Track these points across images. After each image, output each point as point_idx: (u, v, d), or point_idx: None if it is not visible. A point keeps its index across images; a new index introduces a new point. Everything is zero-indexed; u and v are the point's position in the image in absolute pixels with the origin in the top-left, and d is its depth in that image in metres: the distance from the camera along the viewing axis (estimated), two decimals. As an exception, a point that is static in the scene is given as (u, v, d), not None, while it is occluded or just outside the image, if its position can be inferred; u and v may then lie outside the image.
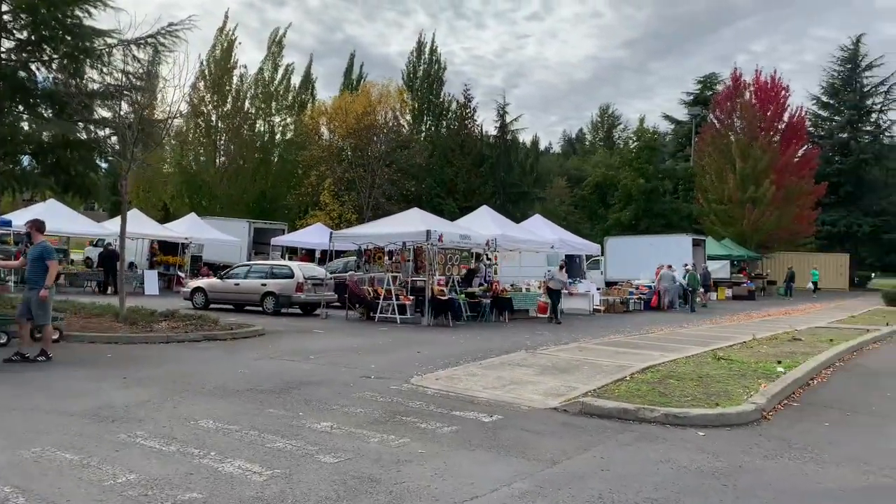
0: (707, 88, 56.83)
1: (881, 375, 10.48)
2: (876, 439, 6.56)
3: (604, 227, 43.21)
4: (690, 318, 20.86)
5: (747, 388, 8.25)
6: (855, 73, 52.59)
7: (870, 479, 5.31)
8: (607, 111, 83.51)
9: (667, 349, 11.78)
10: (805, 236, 43.64)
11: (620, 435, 6.34)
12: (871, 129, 51.91)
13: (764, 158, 38.59)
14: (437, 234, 16.28)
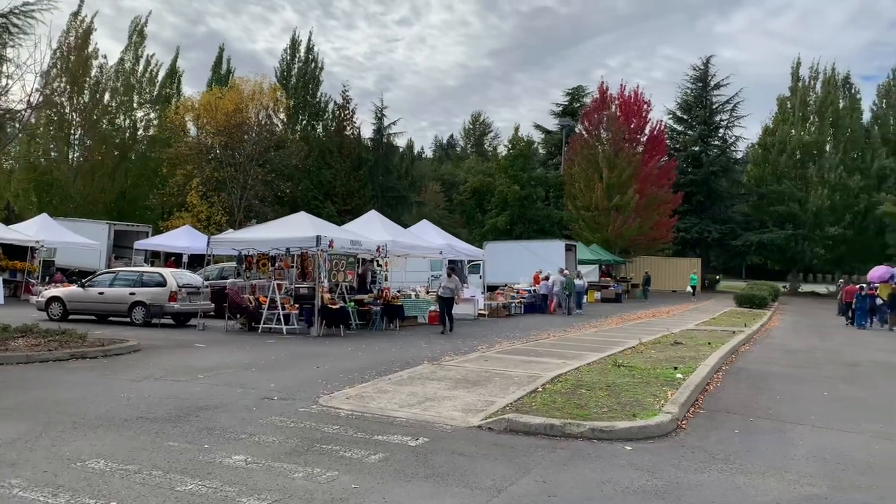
0: (575, 100, 59.47)
1: (764, 378, 11.14)
2: (785, 446, 6.82)
3: (481, 231, 43.92)
4: (570, 322, 21.47)
5: (655, 396, 8.41)
6: (705, 91, 57.10)
7: (796, 488, 5.45)
8: (479, 119, 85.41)
9: (566, 356, 11.90)
10: (664, 242, 46.66)
11: (553, 454, 6.16)
12: (719, 143, 56.56)
13: (628, 169, 40.85)
14: (328, 239, 15.60)
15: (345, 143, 44.28)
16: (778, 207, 49.72)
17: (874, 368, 13.18)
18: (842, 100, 51.82)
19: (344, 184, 42.61)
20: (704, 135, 55.78)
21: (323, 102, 48.57)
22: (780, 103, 53.32)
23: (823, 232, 48.08)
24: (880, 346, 17.94)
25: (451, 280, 17.92)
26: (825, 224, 48.00)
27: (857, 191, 47.93)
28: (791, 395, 9.63)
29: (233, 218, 37.93)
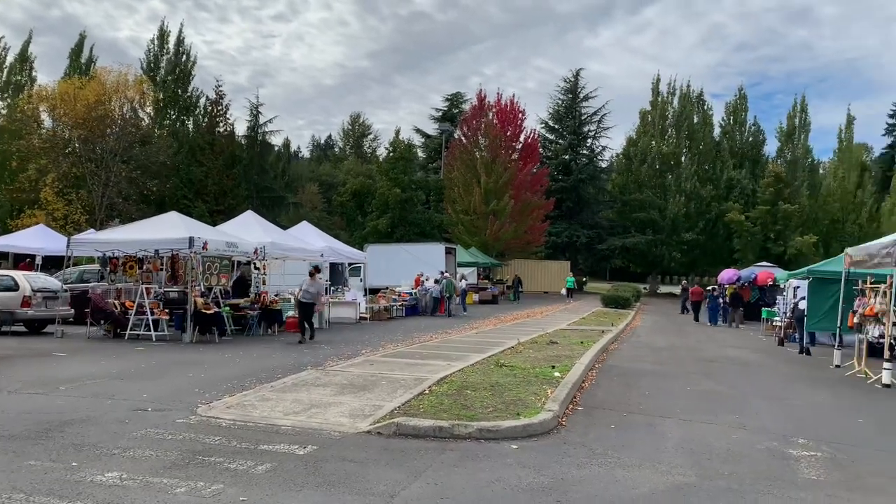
0: (454, 106, 60.56)
1: (633, 374, 11.84)
2: (656, 439, 7.28)
3: (362, 234, 43.62)
4: (451, 324, 21.80)
5: (537, 394, 8.71)
6: (575, 102, 59.91)
7: (669, 478, 5.83)
8: (358, 120, 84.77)
9: (451, 358, 12.07)
10: (537, 246, 48.48)
11: (443, 455, 6.23)
12: (588, 152, 59.51)
13: (505, 175, 42.13)
14: (202, 241, 14.89)
15: (217, 140, 42.51)
16: (640, 214, 53.07)
17: (728, 364, 14.36)
18: (696, 115, 56.17)
19: (216, 182, 40.89)
20: (574, 144, 58.50)
21: (194, 97, 46.40)
22: (642, 116, 57.00)
23: (680, 237, 51.88)
24: (731, 342, 19.60)
25: (313, 283, 15.98)
26: (681, 230, 51.85)
27: (709, 199, 52.19)
28: (659, 391, 10.29)
29: (93, 217, 35.35)
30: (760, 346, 19.15)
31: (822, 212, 50.95)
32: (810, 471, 6.28)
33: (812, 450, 7.02)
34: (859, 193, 52.32)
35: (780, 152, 55.19)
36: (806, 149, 54.22)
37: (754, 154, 56.40)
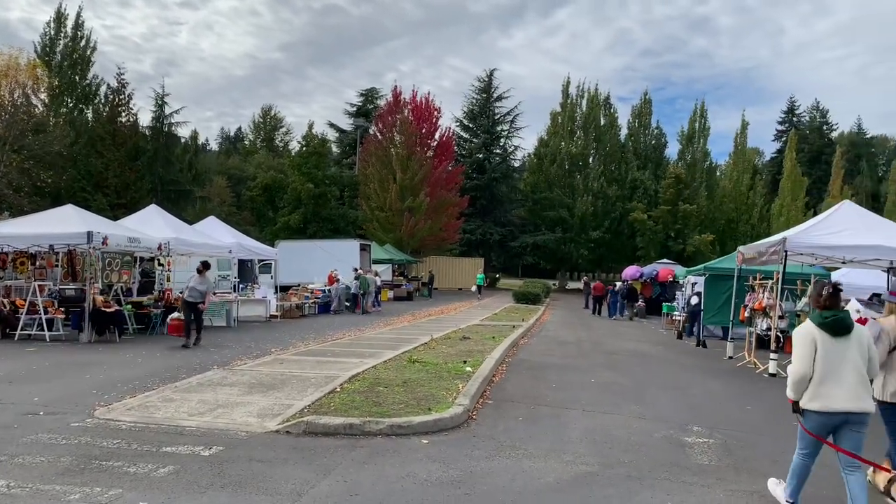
0: (369, 102, 60.17)
1: (542, 368, 12.16)
2: (562, 430, 7.53)
3: (273, 230, 42.62)
4: (365, 321, 21.69)
5: (448, 389, 8.82)
6: (489, 102, 60.76)
7: (573, 468, 6.06)
8: (270, 113, 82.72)
9: (363, 355, 12.02)
10: (451, 243, 48.92)
11: (353, 453, 6.21)
12: (501, 152, 60.53)
13: (420, 172, 42.25)
14: (101, 236, 14.17)
15: (119, 131, 40.44)
16: (550, 212, 54.50)
17: (630, 357, 14.99)
18: (603, 117, 58.16)
19: (118, 175, 38.92)
20: (488, 143, 59.35)
21: (94, 85, 43.91)
22: (553, 117, 58.49)
23: (587, 235, 53.64)
24: (633, 336, 20.45)
25: (202, 281, 14.41)
26: (589, 228, 53.63)
27: (615, 199, 54.23)
28: (565, 383, 10.63)
29: (-22, 210, 32.85)
30: (660, 339, 20.08)
31: (719, 212, 53.94)
32: (703, 457, 6.66)
33: (705, 437, 7.44)
34: (751, 195, 55.71)
35: (681, 155, 57.97)
36: (704, 152, 57.19)
37: (657, 156, 58.98)
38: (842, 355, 4.87)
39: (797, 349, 5.00)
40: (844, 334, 4.91)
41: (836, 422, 4.84)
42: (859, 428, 4.84)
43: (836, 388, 4.81)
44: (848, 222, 13.42)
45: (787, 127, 70.64)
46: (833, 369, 4.84)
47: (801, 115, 74.12)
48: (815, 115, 74.01)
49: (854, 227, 13.22)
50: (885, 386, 5.57)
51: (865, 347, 4.95)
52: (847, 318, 4.99)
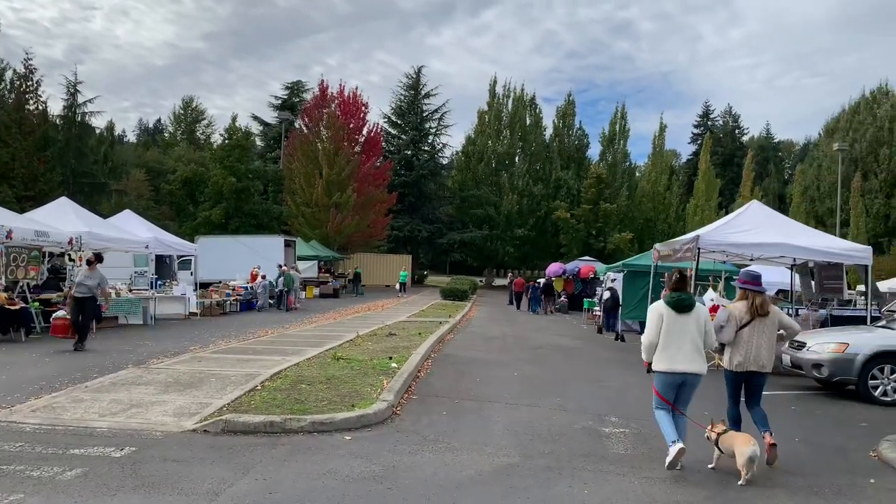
0: (295, 95, 59.09)
1: (468, 363, 12.29)
2: (485, 423, 7.63)
3: (193, 224, 41.22)
4: (288, 319, 21.32)
5: (373, 385, 8.80)
6: (417, 99, 60.73)
7: (495, 460, 6.15)
8: (191, 104, 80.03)
9: (286, 353, 11.82)
10: (379, 239, 48.70)
11: (274, 451, 6.11)
12: (429, 149, 60.57)
13: (347, 167, 41.83)
14: (5, 229, 13.38)
15: (26, 119, 38.17)
16: (477, 210, 55.07)
17: (553, 351, 15.33)
18: (529, 117, 59.17)
19: (25, 166, 36.73)
20: (416, 140, 59.34)
21: (-2, 70, 41.35)
22: (480, 116, 59.11)
23: (513, 233, 54.51)
24: (556, 331, 20.92)
25: (90, 275, 13.20)
26: (514, 226, 54.51)
27: (540, 198, 55.33)
28: (490, 378, 10.77)
29: None
30: (581, 333, 20.64)
31: (638, 211, 55.85)
32: (619, 446, 6.89)
33: (622, 427, 7.70)
34: (668, 195, 57.96)
35: (602, 155, 59.65)
36: (624, 153, 59.07)
37: (580, 156, 60.48)
38: (682, 328, 6.09)
39: (648, 322, 6.23)
40: (686, 311, 6.12)
41: (678, 380, 6.12)
42: (694, 383, 6.17)
43: (677, 353, 6.07)
44: (755, 221, 14.15)
45: (703, 130, 73.69)
46: (674, 339, 6.08)
47: (715, 120, 77.55)
48: (729, 119, 77.58)
49: (761, 226, 13.97)
50: (731, 358, 6.74)
51: (702, 323, 6.16)
52: (688, 298, 6.20)
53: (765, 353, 6.67)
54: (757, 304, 6.73)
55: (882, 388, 10.22)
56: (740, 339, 6.68)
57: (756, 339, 6.66)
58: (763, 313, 6.70)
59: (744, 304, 6.83)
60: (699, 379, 6.16)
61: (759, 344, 6.65)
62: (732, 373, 6.76)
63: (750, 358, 6.64)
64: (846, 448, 7.33)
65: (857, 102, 55.29)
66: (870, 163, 51.14)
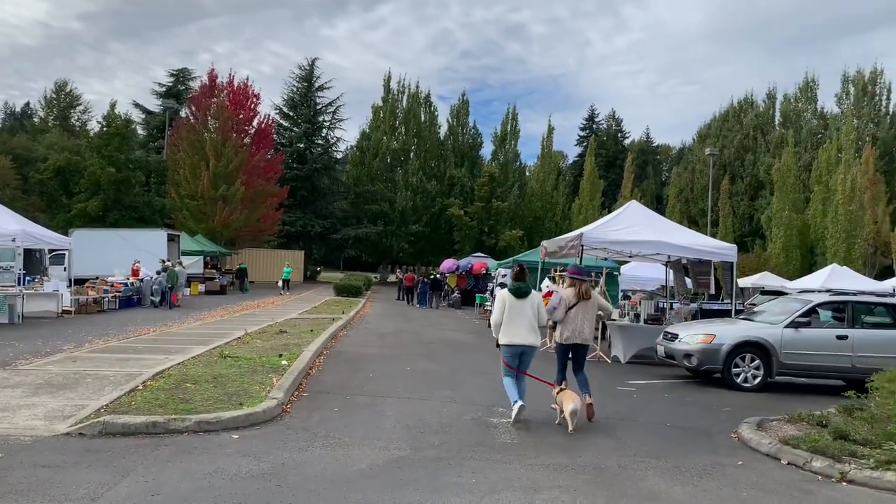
0: (180, 82, 56.46)
1: (360, 359, 12.28)
2: (377, 417, 7.69)
3: (67, 217, 38.48)
4: (172, 316, 20.43)
5: (262, 383, 8.64)
6: (310, 91, 59.59)
7: (386, 453, 6.23)
8: (65, 88, 74.73)
9: (170, 351, 11.35)
10: (269, 234, 47.47)
11: (156, 452, 5.89)
12: (323, 142, 59.63)
13: (236, 159, 40.48)
14: None
15: None
16: (372, 206, 54.86)
17: (445, 345, 15.59)
18: (423, 114, 59.54)
19: None
20: (309, 133, 58.25)
21: None
22: (375, 111, 58.86)
23: (408, 229, 54.72)
24: (450, 326, 21.27)
25: None
26: (409, 222, 54.74)
27: (434, 194, 55.87)
28: (382, 373, 10.83)
29: None
30: (474, 328, 21.08)
31: (528, 209, 57.56)
32: (506, 435, 7.15)
33: (509, 417, 7.97)
34: (556, 194, 60.12)
35: (494, 155, 60.94)
36: (515, 153, 60.61)
37: (473, 155, 61.48)
38: (520, 310, 7.73)
39: (496, 306, 7.93)
40: (523, 297, 7.79)
41: (518, 351, 7.73)
42: (531, 353, 7.83)
43: (517, 330, 7.69)
44: (634, 220, 15.00)
45: (588, 133, 76.74)
46: (515, 319, 7.71)
47: (600, 123, 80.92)
48: (612, 123, 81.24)
49: (639, 225, 14.82)
50: (561, 333, 8.43)
51: (536, 306, 7.83)
52: (525, 287, 7.86)
53: (587, 329, 8.41)
54: (583, 290, 8.45)
55: (743, 375, 11.14)
56: (568, 318, 8.34)
57: (580, 318, 8.35)
58: (587, 297, 8.42)
59: (572, 290, 8.51)
60: (534, 350, 7.86)
61: (583, 322, 8.36)
62: (562, 345, 8.47)
63: (575, 333, 8.34)
64: (711, 431, 7.96)
65: (727, 111, 59.51)
66: (737, 167, 55.25)
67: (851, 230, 41.17)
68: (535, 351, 7.87)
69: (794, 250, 45.15)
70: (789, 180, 46.51)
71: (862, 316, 11.63)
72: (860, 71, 50.43)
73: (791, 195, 46.37)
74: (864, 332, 11.24)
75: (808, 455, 6.57)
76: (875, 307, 12.00)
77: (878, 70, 50.22)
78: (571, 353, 8.44)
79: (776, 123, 57.35)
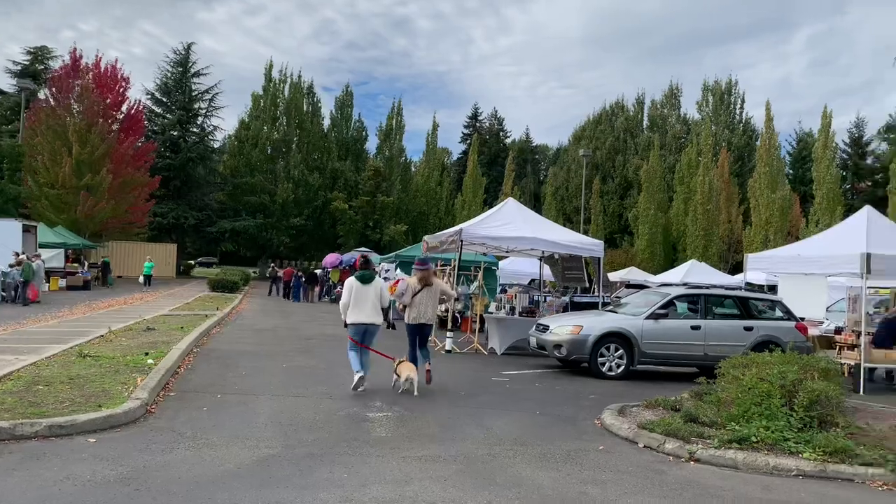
0: (39, 61, 52.15)
1: (234, 356, 11.89)
2: (249, 416, 7.49)
3: None
4: (27, 313, 18.86)
5: (125, 384, 8.19)
6: (185, 77, 56.80)
7: (256, 452, 6.09)
8: None
9: (21, 351, 10.47)
10: (139, 226, 44.89)
11: (0, 459, 5.45)
12: (198, 131, 57.05)
13: (102, 146, 37.97)
14: None
15: None
16: (251, 198, 53.17)
17: (324, 340, 15.40)
18: (306, 105, 58.36)
19: None
20: (183, 120, 55.53)
21: None
22: (255, 100, 57.01)
23: (289, 222, 53.46)
24: (330, 321, 20.99)
25: None
26: (290, 215, 53.49)
27: (317, 187, 54.93)
28: (257, 370, 10.55)
29: None
30: (355, 324, 20.91)
31: (412, 204, 57.87)
32: (381, 429, 7.19)
33: (385, 411, 8.04)
34: (440, 190, 60.84)
35: (380, 149, 60.76)
36: (401, 148, 60.73)
37: (358, 148, 61.00)
38: (365, 295, 9.17)
39: (344, 291, 9.25)
40: (367, 283, 9.22)
41: (362, 329, 9.19)
42: (374, 331, 9.32)
43: (361, 311, 9.15)
44: (511, 217, 15.48)
45: (472, 131, 78.16)
46: (360, 302, 9.14)
47: (483, 121, 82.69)
48: (494, 122, 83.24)
49: (516, 222, 15.31)
50: (409, 314, 9.95)
51: (378, 290, 9.29)
52: (369, 274, 9.31)
53: (430, 311, 9.94)
54: (426, 277, 9.93)
55: (608, 365, 11.80)
56: (414, 302, 9.86)
57: (425, 302, 9.87)
58: (429, 284, 9.93)
59: (414, 278, 10.10)
60: (377, 328, 9.34)
61: (426, 305, 9.88)
62: (410, 325, 9.99)
63: (420, 314, 9.86)
64: (577, 418, 8.39)
65: (600, 114, 62.62)
66: (608, 168, 58.30)
67: (709, 228, 44.58)
68: (377, 329, 9.35)
69: (658, 246, 48.28)
70: (655, 181, 49.66)
71: (713, 308, 12.64)
72: (717, 81, 54.76)
73: (656, 195, 49.53)
74: (715, 323, 12.23)
75: (662, 438, 7.08)
76: (725, 300, 13.08)
77: (733, 81, 54.76)
78: (418, 333, 9.88)
79: (644, 127, 61.04)
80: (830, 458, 6.42)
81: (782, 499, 5.62)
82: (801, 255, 13.27)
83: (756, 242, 39.69)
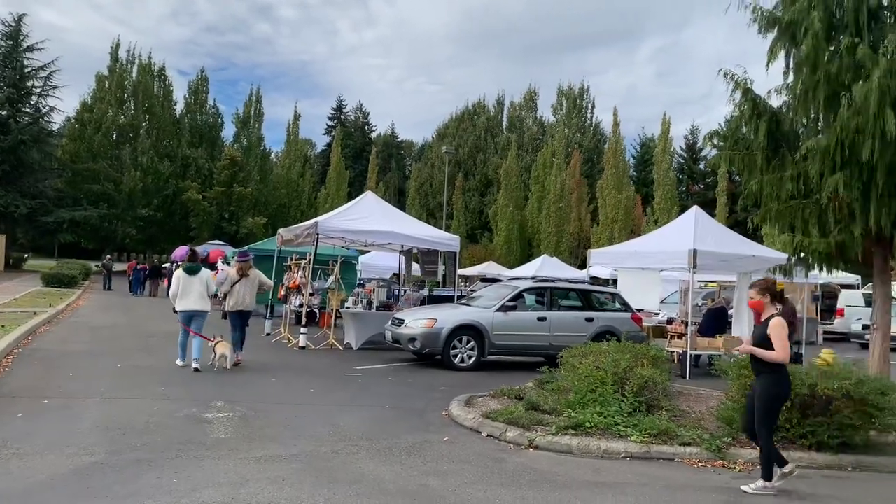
0: None
1: (61, 357, 10.91)
2: (71, 421, 6.88)
3: None
4: None
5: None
6: (16, 51, 51.41)
7: (75, 460, 5.60)
8: None
9: None
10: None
11: None
12: (32, 111, 51.85)
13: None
14: None
15: None
16: (93, 186, 49.21)
17: (166, 338, 14.44)
18: (157, 88, 54.85)
19: None
20: (14, 99, 50.14)
21: None
22: (99, 81, 52.82)
23: (136, 213, 49.97)
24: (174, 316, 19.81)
25: None
26: (138, 205, 50.03)
27: (167, 176, 51.81)
28: (88, 371, 9.75)
29: None
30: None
31: (272, 196, 56.15)
32: (220, 430, 6.86)
33: (227, 411, 7.69)
34: (302, 182, 59.52)
35: (237, 137, 58.31)
36: (259, 137, 58.63)
37: (213, 135, 58.19)
38: (192, 284, 10.29)
39: (173, 281, 10.51)
40: (194, 274, 10.34)
41: (190, 315, 10.30)
42: (202, 319, 10.40)
43: (189, 298, 10.27)
44: (369, 211, 15.40)
45: (336, 123, 77.13)
46: (188, 291, 10.28)
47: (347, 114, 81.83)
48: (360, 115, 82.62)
49: (374, 216, 15.25)
50: (229, 302, 11.21)
51: (204, 280, 10.42)
52: (196, 266, 10.45)
53: (248, 299, 11.16)
54: (244, 268, 11.20)
55: (460, 356, 12.06)
56: (234, 290, 11.07)
57: (243, 290, 11.09)
58: (246, 274, 11.15)
59: (234, 268, 11.47)
60: (205, 314, 10.44)
61: (245, 293, 11.10)
62: (230, 312, 11.25)
63: (239, 302, 11.09)
64: (425, 410, 8.47)
65: (463, 112, 63.96)
66: (470, 165, 59.73)
67: (560, 226, 46.94)
68: (205, 315, 10.43)
69: (515, 242, 50.17)
70: (513, 180, 51.55)
71: (559, 300, 13.27)
72: (571, 86, 57.67)
73: (514, 193, 51.43)
74: (560, 314, 12.84)
75: (503, 426, 7.30)
76: (569, 293, 13.78)
77: (586, 86, 57.91)
78: (239, 318, 11.14)
79: (504, 127, 63.10)
80: (655, 440, 6.92)
81: (609, 481, 5.97)
82: (637, 251, 14.23)
83: (602, 239, 42.28)
